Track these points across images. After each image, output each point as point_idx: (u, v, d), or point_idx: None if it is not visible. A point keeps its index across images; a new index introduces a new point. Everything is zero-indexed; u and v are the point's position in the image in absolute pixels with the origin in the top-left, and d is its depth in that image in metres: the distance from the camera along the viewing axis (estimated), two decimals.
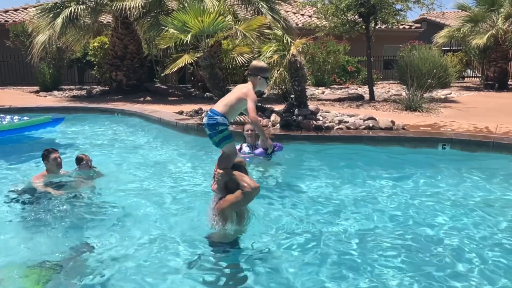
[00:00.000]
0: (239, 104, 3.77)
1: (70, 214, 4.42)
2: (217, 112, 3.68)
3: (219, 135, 3.69)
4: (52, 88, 15.85)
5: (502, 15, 16.11)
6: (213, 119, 3.66)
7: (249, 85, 3.86)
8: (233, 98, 3.78)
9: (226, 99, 3.80)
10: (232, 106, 3.75)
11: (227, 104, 3.74)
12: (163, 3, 13.81)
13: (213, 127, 3.67)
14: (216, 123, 3.66)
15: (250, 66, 4.04)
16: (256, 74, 3.88)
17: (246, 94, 3.75)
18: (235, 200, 3.51)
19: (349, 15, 12.31)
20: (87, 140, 8.21)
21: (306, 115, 8.32)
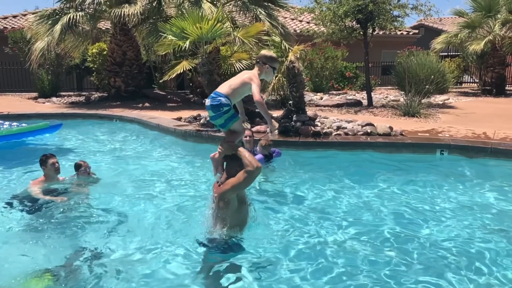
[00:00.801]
0: (243, 87, 3.73)
1: (68, 220, 4.41)
2: (220, 93, 3.65)
3: (224, 116, 3.66)
4: (50, 95, 15.86)
5: (499, 21, 16.20)
6: (216, 100, 3.62)
7: (255, 71, 3.84)
8: (237, 81, 3.74)
9: (230, 81, 3.77)
10: (236, 89, 3.71)
11: (231, 86, 3.71)
12: (161, 10, 13.86)
13: (217, 108, 3.63)
14: (220, 104, 3.62)
15: (259, 54, 4.01)
16: (264, 62, 3.84)
17: (251, 79, 3.73)
18: (237, 181, 3.51)
19: (347, 21, 12.38)
20: (85, 147, 8.21)
21: (305, 121, 8.33)
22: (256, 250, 3.70)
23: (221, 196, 3.57)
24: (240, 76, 3.81)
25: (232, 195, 3.59)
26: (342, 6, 11.67)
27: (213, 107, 3.64)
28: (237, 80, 3.76)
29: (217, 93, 3.66)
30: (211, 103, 3.64)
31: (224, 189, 3.56)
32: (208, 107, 3.69)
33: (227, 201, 3.59)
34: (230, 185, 3.53)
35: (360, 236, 4.11)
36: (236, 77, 3.81)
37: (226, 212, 3.62)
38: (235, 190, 3.58)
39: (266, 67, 3.83)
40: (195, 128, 8.76)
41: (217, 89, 3.76)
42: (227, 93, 3.65)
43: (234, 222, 3.67)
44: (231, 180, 3.54)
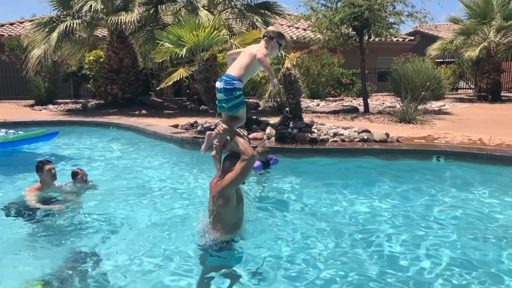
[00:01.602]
0: (254, 63, 3.69)
1: (64, 228, 4.41)
2: (233, 77, 3.61)
3: (235, 100, 3.64)
4: (47, 102, 15.84)
5: (494, 28, 16.34)
6: (230, 83, 3.58)
7: (262, 44, 3.82)
8: (247, 58, 3.69)
9: (239, 61, 3.71)
10: (248, 67, 3.68)
11: (242, 66, 3.66)
12: (158, 18, 13.93)
13: (230, 92, 3.60)
14: (234, 88, 3.59)
15: (267, 29, 3.98)
16: (272, 37, 3.82)
17: (258, 51, 3.69)
18: (235, 174, 3.49)
19: (343, 28, 12.44)
20: (82, 154, 8.18)
21: (301, 128, 8.36)
22: (253, 255, 3.71)
23: (220, 193, 3.53)
24: (248, 52, 3.74)
25: (231, 191, 3.55)
26: (338, 14, 11.74)
27: (226, 90, 3.60)
28: (246, 57, 3.70)
29: (230, 76, 3.62)
30: (224, 86, 3.60)
31: (223, 185, 3.52)
32: (219, 90, 3.63)
33: (226, 198, 3.54)
34: (228, 180, 3.50)
35: (358, 242, 4.11)
36: (244, 55, 3.74)
37: (225, 210, 3.59)
38: (234, 183, 3.53)
39: (273, 42, 3.81)
40: (192, 135, 8.77)
41: (228, 71, 3.71)
42: (240, 75, 3.63)
43: (232, 221, 3.67)
44: (229, 175, 3.52)
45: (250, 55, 3.68)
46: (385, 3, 11.72)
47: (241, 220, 3.78)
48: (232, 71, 3.66)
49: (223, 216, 3.62)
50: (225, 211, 3.59)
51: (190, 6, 12.97)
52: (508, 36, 17.14)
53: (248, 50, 3.78)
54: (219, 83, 3.66)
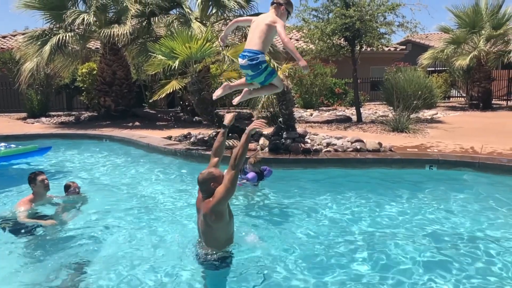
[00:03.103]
0: (271, 32, 3.70)
1: (57, 242, 4.38)
2: (255, 51, 3.60)
3: (265, 73, 3.64)
4: (40, 115, 15.76)
5: (483, 37, 16.56)
6: (255, 58, 3.58)
7: (271, 13, 3.81)
8: (263, 29, 3.68)
9: (255, 34, 3.71)
10: (266, 37, 3.68)
11: (261, 37, 3.66)
12: (151, 30, 13.96)
13: (256, 67, 3.60)
14: (259, 62, 3.59)
15: None
16: (281, 3, 3.80)
17: (275, 21, 3.69)
18: (225, 187, 3.41)
19: (334, 39, 12.56)
20: (74, 167, 8.14)
21: (295, 138, 8.37)
22: (249, 268, 3.68)
23: (213, 209, 3.44)
24: (262, 23, 3.74)
25: (224, 205, 3.48)
26: (329, 25, 11.85)
27: (251, 66, 3.59)
28: (261, 28, 3.70)
29: (252, 51, 3.61)
30: (249, 63, 3.60)
31: (215, 200, 3.43)
32: (245, 67, 3.63)
33: (220, 213, 3.48)
34: (220, 194, 3.41)
35: (355, 253, 4.10)
36: (258, 27, 3.74)
37: (219, 225, 3.53)
38: (226, 197, 3.44)
39: (282, 9, 3.80)
40: (185, 147, 8.75)
41: (247, 46, 3.71)
42: (260, 48, 3.63)
43: (225, 236, 3.63)
44: (219, 189, 3.44)
45: (267, 25, 3.69)
46: (376, 13, 11.87)
47: (233, 234, 3.75)
48: (252, 45, 3.66)
49: (216, 232, 3.56)
50: (218, 226, 3.54)
51: (183, 18, 13.05)
52: (498, 45, 17.38)
53: (262, 20, 3.77)
54: (242, 60, 3.66)
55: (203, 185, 3.53)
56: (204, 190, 3.55)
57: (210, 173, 3.54)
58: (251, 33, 3.78)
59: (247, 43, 3.73)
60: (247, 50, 3.66)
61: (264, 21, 3.73)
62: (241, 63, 3.65)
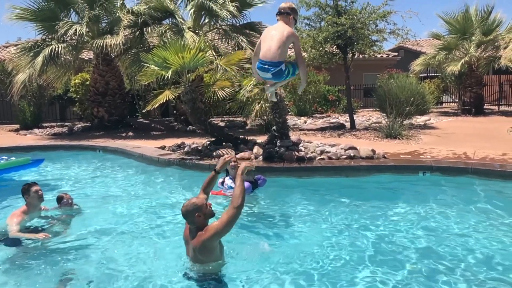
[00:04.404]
0: (289, 42, 3.93)
1: (50, 254, 4.33)
2: (276, 62, 3.84)
3: (288, 76, 3.93)
4: (32, 126, 15.68)
5: (474, 43, 16.73)
6: (277, 70, 3.83)
7: (283, 24, 3.99)
8: (282, 40, 3.90)
9: (274, 44, 3.89)
10: (284, 47, 3.92)
11: (280, 47, 3.87)
12: (144, 40, 13.98)
13: (280, 75, 3.87)
14: (281, 71, 3.85)
15: (282, 6, 4.14)
16: (289, 13, 3.98)
17: (292, 33, 3.91)
18: (221, 225, 3.29)
19: (327, 47, 12.64)
20: (67, 178, 8.08)
21: (288, 146, 8.39)
22: (240, 281, 3.66)
23: (203, 245, 3.33)
24: (279, 33, 3.94)
25: (216, 242, 3.40)
26: (321, 33, 11.93)
27: (275, 76, 3.86)
28: (280, 39, 3.90)
29: (270, 63, 3.84)
30: (272, 76, 3.87)
31: (207, 236, 3.32)
32: (268, 78, 3.90)
33: (210, 249, 3.39)
34: (214, 230, 3.31)
35: (348, 261, 4.09)
36: (275, 37, 3.93)
37: (209, 259, 3.44)
38: (220, 234, 3.36)
39: (291, 18, 3.94)
40: (179, 156, 8.73)
41: (266, 57, 3.91)
42: (282, 58, 3.87)
43: (215, 263, 3.52)
44: (214, 225, 3.34)
45: (285, 37, 3.93)
46: (368, 21, 11.96)
47: (223, 257, 3.65)
48: (272, 57, 3.88)
49: (205, 261, 3.46)
50: (209, 259, 3.45)
51: (176, 28, 13.09)
52: (488, 51, 17.55)
53: (279, 32, 3.98)
54: (265, 73, 3.93)
55: (188, 217, 3.43)
56: (190, 222, 3.45)
57: (193, 203, 3.42)
58: (266, 44, 3.96)
59: (264, 54, 3.91)
60: (268, 62, 3.89)
61: (283, 32, 3.94)
62: (264, 76, 3.89)
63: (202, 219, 3.41)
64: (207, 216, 3.46)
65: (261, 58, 4.12)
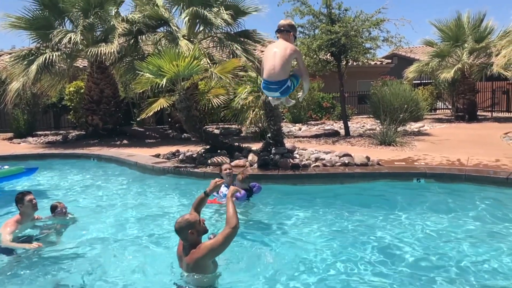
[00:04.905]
0: (291, 59, 4.06)
1: (44, 264, 4.30)
2: (283, 81, 3.98)
3: (294, 89, 4.13)
4: (26, 134, 15.59)
5: (466, 50, 16.90)
6: (284, 88, 4.01)
7: (284, 41, 4.11)
8: (286, 58, 4.02)
9: (278, 63, 4.01)
10: (288, 64, 4.03)
11: (284, 66, 3.99)
12: (138, 48, 13.99)
13: (287, 91, 4.08)
14: (288, 87, 4.03)
15: (282, 24, 4.24)
16: (289, 30, 4.09)
17: (294, 49, 4.05)
18: (216, 244, 3.28)
19: (321, 54, 12.71)
20: (61, 187, 8.04)
21: (283, 153, 8.40)
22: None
23: (196, 263, 3.30)
24: (282, 51, 4.05)
25: (210, 260, 3.37)
26: (315, 41, 12.01)
27: (282, 93, 4.06)
28: (282, 56, 4.02)
29: (281, 82, 3.99)
30: (280, 93, 4.07)
31: (201, 254, 3.29)
32: (276, 96, 4.14)
33: (204, 267, 3.36)
34: (208, 249, 3.29)
35: (343, 270, 4.09)
36: (278, 55, 4.05)
37: (203, 276, 3.40)
38: (214, 253, 3.33)
39: (291, 35, 4.04)
40: (174, 164, 8.71)
41: (271, 78, 4.04)
42: (287, 76, 4.01)
43: (209, 281, 3.47)
44: (208, 243, 3.30)
45: (289, 55, 4.06)
46: (361, 29, 12.06)
47: (217, 268, 3.62)
48: (277, 76, 4.02)
49: (200, 279, 3.42)
50: (202, 276, 3.42)
51: (170, 36, 13.11)
52: (481, 58, 17.74)
53: (282, 50, 4.09)
54: (272, 93, 4.15)
55: (181, 233, 3.40)
56: (183, 239, 3.42)
57: (186, 220, 3.40)
58: (269, 62, 4.07)
59: (269, 75, 4.02)
60: (273, 83, 3.99)
61: (285, 49, 4.04)
62: (271, 95, 4.12)
63: (195, 236, 3.39)
64: (200, 233, 3.43)
65: (266, 79, 4.20)
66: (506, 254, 4.34)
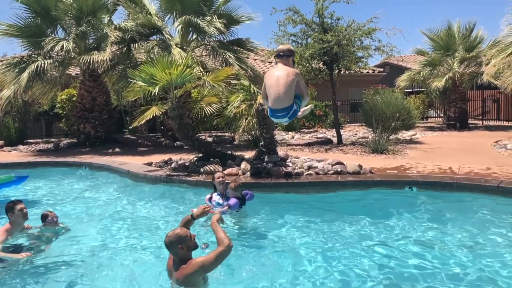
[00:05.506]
0: (294, 83, 4.17)
1: (34, 274, 4.24)
2: (289, 107, 4.12)
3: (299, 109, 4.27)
4: (17, 142, 15.48)
5: (457, 59, 17.10)
6: (291, 112, 4.15)
7: (284, 67, 4.25)
8: (289, 84, 4.14)
9: (282, 90, 4.14)
10: (292, 90, 4.15)
11: (288, 92, 4.10)
12: (131, 56, 13.98)
13: (295, 114, 4.21)
14: (295, 111, 4.17)
15: (281, 49, 4.38)
16: (288, 55, 4.22)
17: (296, 73, 4.18)
18: (208, 262, 3.24)
19: (313, 63, 12.78)
20: (53, 196, 7.96)
21: (276, 162, 8.39)
22: None
23: (185, 279, 3.25)
24: (285, 77, 4.16)
25: (200, 277, 3.32)
26: (308, 49, 12.07)
27: (290, 117, 4.23)
28: (286, 83, 4.14)
29: (288, 108, 4.14)
30: (288, 118, 4.23)
31: (191, 270, 3.24)
32: (285, 121, 4.29)
33: (193, 283, 3.31)
34: (198, 266, 3.25)
35: (340, 280, 4.08)
36: (281, 82, 4.16)
37: None
38: (204, 270, 3.30)
39: (290, 60, 4.14)
40: (166, 173, 8.67)
41: (277, 106, 4.19)
42: (291, 101, 4.14)
43: None
44: (199, 260, 3.27)
45: (291, 80, 4.18)
46: (353, 38, 12.15)
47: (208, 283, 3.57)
48: (284, 103, 4.16)
49: None
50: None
51: (163, 44, 13.13)
52: (471, 67, 17.95)
53: (283, 76, 4.20)
54: (280, 119, 4.31)
55: (171, 248, 3.37)
56: (173, 254, 3.39)
57: (177, 234, 3.36)
58: (274, 90, 4.19)
59: (275, 104, 4.17)
60: (281, 110, 4.13)
61: (288, 76, 4.16)
62: (280, 121, 4.37)
63: (185, 251, 3.35)
64: (190, 248, 3.39)
65: (272, 108, 4.32)
66: (498, 261, 4.36)
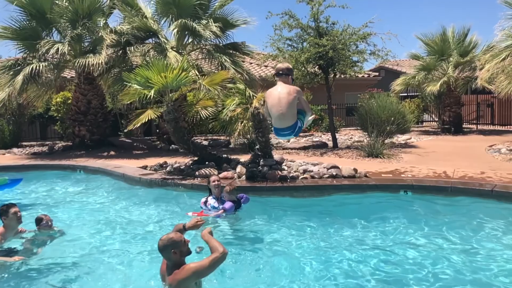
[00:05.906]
0: (296, 101, 4.28)
1: (27, 277, 4.22)
2: (294, 125, 4.23)
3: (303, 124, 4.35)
4: (11, 145, 15.39)
5: (452, 64, 17.21)
6: (296, 129, 4.25)
7: (287, 84, 4.35)
8: (291, 103, 4.23)
9: (285, 109, 4.23)
10: (294, 108, 4.24)
11: (290, 110, 4.22)
12: (127, 59, 13.95)
13: (300, 130, 4.30)
14: (299, 127, 4.26)
15: (280, 68, 4.44)
16: (288, 74, 4.31)
17: (297, 91, 4.27)
18: (201, 267, 3.20)
19: (309, 67, 12.81)
20: (46, 200, 7.92)
21: (271, 165, 8.40)
22: None
23: (180, 283, 3.21)
24: (286, 96, 4.25)
25: (192, 283, 3.27)
26: (304, 54, 12.11)
27: (296, 134, 4.34)
28: (287, 102, 4.23)
29: (293, 127, 4.25)
30: (294, 134, 4.35)
31: (184, 276, 3.20)
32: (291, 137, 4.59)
33: None
34: (191, 271, 3.20)
35: (334, 284, 4.07)
36: (283, 101, 4.25)
37: None
38: (197, 276, 3.26)
39: (290, 78, 4.21)
40: (161, 176, 8.65)
41: (282, 126, 4.29)
42: (296, 118, 4.25)
43: None
44: (193, 265, 3.24)
45: (293, 98, 4.26)
46: (348, 42, 12.20)
47: None
48: (288, 122, 4.27)
49: None
50: None
51: (159, 48, 13.11)
52: (465, 71, 18.07)
53: (285, 95, 4.28)
54: (285, 137, 4.46)
55: (164, 252, 3.32)
56: (166, 258, 3.35)
57: (170, 239, 3.31)
58: (276, 110, 4.29)
59: (280, 124, 4.29)
60: (285, 129, 4.25)
61: (289, 94, 4.26)
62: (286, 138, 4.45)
63: (178, 256, 3.30)
64: (183, 253, 3.35)
65: (277, 127, 4.43)
66: (493, 265, 4.38)
